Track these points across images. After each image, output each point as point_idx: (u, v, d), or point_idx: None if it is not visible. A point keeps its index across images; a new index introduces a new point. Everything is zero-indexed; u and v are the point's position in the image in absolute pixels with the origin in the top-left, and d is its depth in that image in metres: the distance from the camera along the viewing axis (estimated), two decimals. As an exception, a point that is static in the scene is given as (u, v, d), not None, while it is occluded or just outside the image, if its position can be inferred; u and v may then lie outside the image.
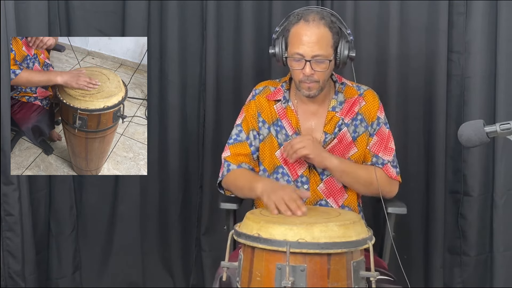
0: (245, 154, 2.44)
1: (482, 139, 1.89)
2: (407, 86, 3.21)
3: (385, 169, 2.42)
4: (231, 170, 2.43)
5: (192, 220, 3.35)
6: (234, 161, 2.44)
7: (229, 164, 2.44)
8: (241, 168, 2.42)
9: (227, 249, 1.94)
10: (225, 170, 2.44)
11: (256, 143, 2.45)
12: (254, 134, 2.45)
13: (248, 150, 2.44)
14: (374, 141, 2.43)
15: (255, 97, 2.48)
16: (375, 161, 2.42)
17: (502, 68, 3.12)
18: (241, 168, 2.42)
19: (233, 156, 2.44)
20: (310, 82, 2.30)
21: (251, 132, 2.45)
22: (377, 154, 2.42)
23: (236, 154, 2.44)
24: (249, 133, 2.45)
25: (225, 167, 2.45)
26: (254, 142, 2.45)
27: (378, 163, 2.42)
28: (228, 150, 2.47)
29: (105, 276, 3.33)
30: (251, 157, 2.45)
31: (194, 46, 3.27)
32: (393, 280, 2.20)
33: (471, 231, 3.21)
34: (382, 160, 2.42)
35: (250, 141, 2.45)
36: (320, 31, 2.26)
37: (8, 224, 3.00)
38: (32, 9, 2.98)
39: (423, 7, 3.18)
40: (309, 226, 1.83)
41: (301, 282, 1.79)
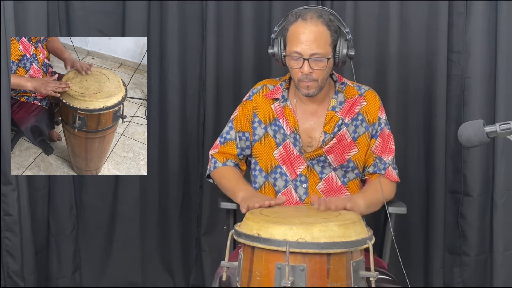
0: (231, 154, 2.49)
1: (482, 139, 1.89)
2: (407, 86, 3.21)
3: (388, 175, 2.42)
4: (217, 167, 2.49)
5: (192, 220, 3.36)
6: (220, 158, 2.49)
7: (215, 161, 2.51)
8: (226, 167, 2.48)
9: (227, 249, 1.94)
10: (212, 166, 2.52)
11: (241, 144, 2.48)
12: (240, 136, 2.47)
13: (235, 151, 2.49)
14: (377, 143, 2.43)
15: (251, 97, 2.49)
16: (377, 163, 2.42)
17: (502, 68, 3.12)
18: (227, 166, 2.47)
19: (219, 153, 2.51)
20: (309, 81, 2.30)
21: (237, 133, 2.48)
22: (380, 156, 2.42)
23: (223, 152, 2.50)
24: (236, 133, 2.49)
25: (212, 163, 2.52)
26: (239, 144, 2.48)
27: (380, 167, 2.41)
28: (216, 148, 2.53)
29: (105, 276, 3.33)
30: (236, 157, 2.49)
31: (194, 46, 3.27)
32: (393, 280, 2.20)
33: (471, 231, 3.21)
34: (384, 162, 2.42)
35: (237, 142, 2.49)
36: (318, 29, 2.26)
37: (7, 224, 3.00)
38: (31, 9, 2.98)
39: (423, 7, 3.18)
40: (309, 226, 1.83)
41: (300, 282, 1.79)
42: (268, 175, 2.45)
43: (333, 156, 2.40)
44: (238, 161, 2.50)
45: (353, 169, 2.44)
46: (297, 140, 2.41)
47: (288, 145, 2.42)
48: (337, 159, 2.41)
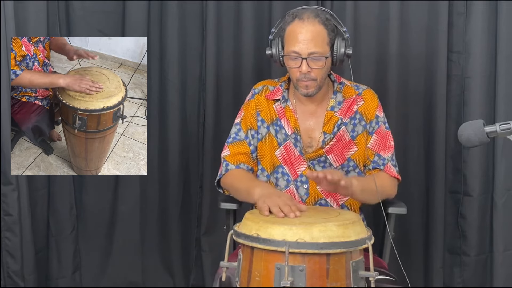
0: (244, 153, 2.44)
1: (482, 139, 1.89)
2: (407, 86, 3.21)
3: (386, 170, 2.41)
4: (229, 170, 2.43)
5: (192, 220, 3.36)
6: (232, 161, 2.43)
7: (227, 164, 2.44)
8: (239, 169, 2.42)
9: (227, 249, 1.94)
10: (224, 169, 2.44)
11: (254, 142, 2.45)
12: (252, 134, 2.45)
13: (248, 149, 2.44)
14: (374, 140, 2.43)
15: (254, 96, 2.48)
16: (376, 159, 2.42)
17: (502, 68, 3.12)
18: (240, 168, 2.42)
19: (232, 155, 2.44)
20: (308, 80, 2.30)
21: (249, 131, 2.45)
22: (379, 152, 2.42)
23: (236, 153, 2.44)
24: (248, 132, 2.45)
25: (223, 166, 2.45)
26: (252, 141, 2.45)
27: (379, 163, 2.41)
28: (227, 149, 2.46)
29: (105, 276, 3.33)
30: (250, 156, 2.44)
31: (194, 46, 3.27)
32: (393, 280, 2.20)
33: (471, 231, 3.21)
34: (383, 158, 2.42)
35: (249, 140, 2.45)
36: (315, 28, 2.26)
37: (7, 224, 3.00)
38: (31, 9, 2.98)
39: (423, 7, 3.17)
40: (308, 226, 1.83)
41: (300, 282, 1.79)
42: (270, 174, 2.44)
43: (333, 156, 2.41)
44: (251, 162, 2.44)
45: (354, 168, 2.43)
46: (298, 141, 2.41)
47: (289, 145, 2.42)
48: (337, 158, 2.41)
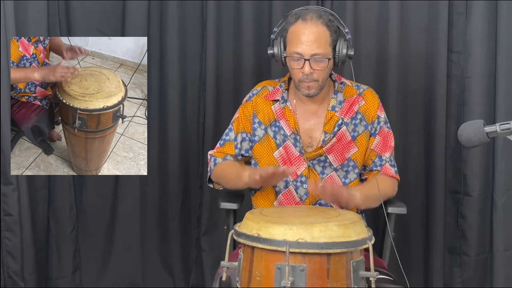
0: (229, 154, 2.48)
1: (482, 139, 1.89)
2: (407, 86, 3.21)
3: (384, 170, 2.42)
4: (218, 163, 2.47)
5: (192, 220, 3.35)
6: (219, 155, 2.48)
7: (215, 159, 2.49)
8: (226, 160, 2.46)
9: (227, 249, 1.94)
10: (212, 164, 2.49)
11: (245, 145, 2.47)
12: (243, 137, 2.47)
13: (233, 151, 2.47)
14: (377, 141, 2.43)
15: (252, 98, 2.49)
16: (377, 160, 2.42)
17: (502, 68, 3.12)
18: (227, 160, 2.46)
19: (218, 152, 2.50)
20: (310, 81, 2.30)
21: (240, 134, 2.47)
22: (381, 154, 2.42)
23: (221, 152, 2.49)
24: (238, 134, 2.47)
25: (211, 162, 2.50)
26: (240, 145, 2.47)
27: (377, 164, 2.42)
28: (215, 150, 2.52)
29: (105, 276, 3.33)
30: (235, 158, 2.48)
31: (194, 46, 3.27)
32: (393, 280, 2.20)
33: (471, 231, 3.21)
34: (381, 159, 2.42)
35: (236, 143, 2.47)
36: (318, 29, 2.26)
37: (7, 224, 3.00)
38: (31, 9, 2.98)
39: (423, 7, 3.17)
40: (309, 226, 1.83)
41: (300, 282, 1.79)
42: (269, 176, 2.45)
43: (333, 155, 2.41)
44: (236, 160, 2.49)
45: (354, 168, 2.44)
46: (298, 141, 2.41)
47: (289, 145, 2.42)
48: (338, 158, 2.41)
